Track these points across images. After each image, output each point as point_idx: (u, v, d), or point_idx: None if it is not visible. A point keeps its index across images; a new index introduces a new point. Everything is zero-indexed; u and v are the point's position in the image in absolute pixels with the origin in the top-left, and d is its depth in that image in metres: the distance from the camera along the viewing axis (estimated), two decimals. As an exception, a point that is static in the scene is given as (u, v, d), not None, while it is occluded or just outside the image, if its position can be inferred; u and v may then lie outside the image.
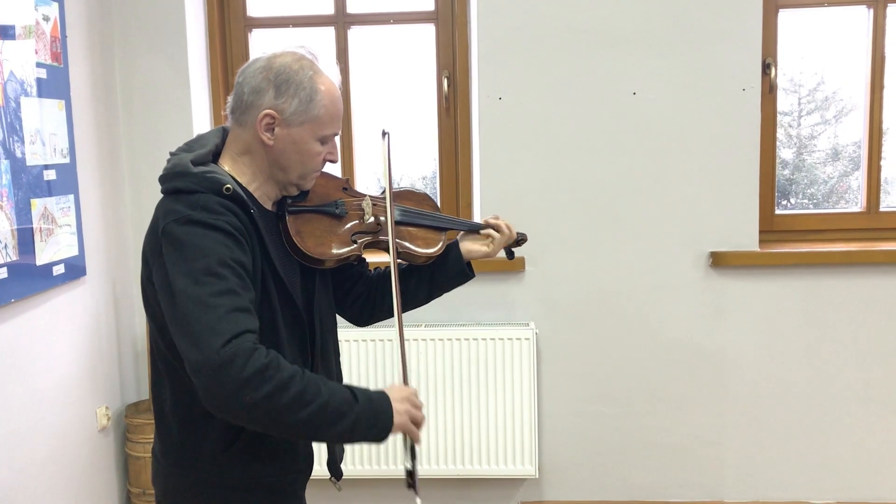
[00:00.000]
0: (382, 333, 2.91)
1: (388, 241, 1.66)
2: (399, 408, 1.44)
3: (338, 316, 1.77)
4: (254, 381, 1.27)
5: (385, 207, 1.67)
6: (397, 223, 1.68)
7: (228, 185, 1.43)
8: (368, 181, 3.34)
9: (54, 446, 2.56)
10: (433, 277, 1.77)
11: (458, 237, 1.82)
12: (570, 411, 3.06)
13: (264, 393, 1.27)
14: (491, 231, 1.81)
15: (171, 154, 1.51)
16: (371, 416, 1.40)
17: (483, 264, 2.95)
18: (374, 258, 1.99)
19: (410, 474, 1.53)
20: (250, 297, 1.37)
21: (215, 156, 1.54)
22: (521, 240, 1.91)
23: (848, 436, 3.02)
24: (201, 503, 1.52)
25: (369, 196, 1.68)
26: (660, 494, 3.08)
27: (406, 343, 2.91)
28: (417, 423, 1.49)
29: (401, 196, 1.76)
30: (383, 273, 1.79)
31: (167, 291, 1.35)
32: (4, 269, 2.26)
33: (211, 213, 1.38)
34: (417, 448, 1.56)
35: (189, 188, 1.42)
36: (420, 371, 2.95)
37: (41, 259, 2.45)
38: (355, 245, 1.60)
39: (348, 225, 1.62)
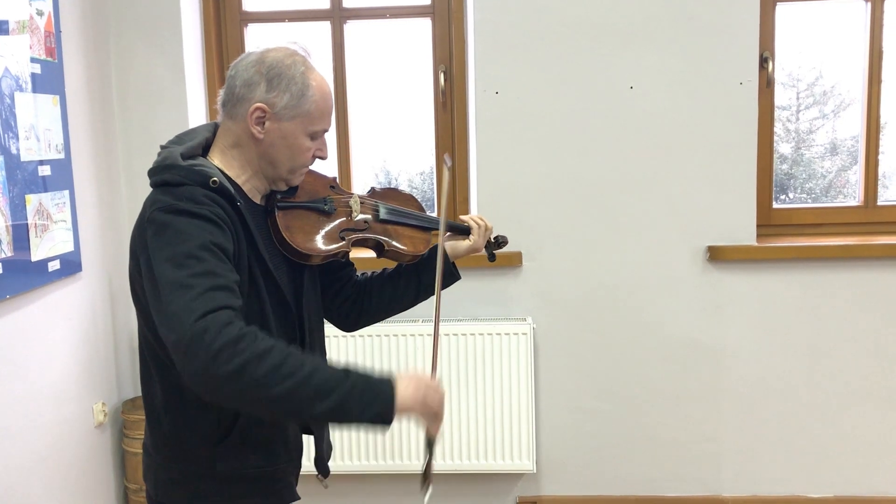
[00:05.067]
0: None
1: (375, 238, 1.68)
2: (405, 390, 1.33)
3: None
4: (224, 353, 1.22)
5: (371, 205, 1.70)
6: (383, 221, 1.71)
7: (215, 179, 1.43)
8: (365, 176, 3.34)
9: (51, 443, 2.56)
10: (420, 279, 1.77)
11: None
12: (568, 406, 3.06)
13: (235, 366, 1.21)
14: (470, 224, 1.82)
15: (162, 147, 1.53)
16: (365, 396, 1.28)
17: (480, 259, 2.95)
18: (360, 255, 2.00)
19: (425, 470, 1.49)
20: (233, 278, 1.35)
21: (206, 149, 1.55)
22: (501, 241, 1.94)
23: (845, 430, 3.01)
24: (193, 495, 1.52)
25: (357, 194, 1.70)
26: (657, 489, 3.08)
27: (403, 338, 2.94)
28: (432, 411, 1.39)
29: (386, 195, 1.78)
30: (370, 277, 1.80)
31: (150, 280, 1.35)
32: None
33: (196, 204, 1.39)
34: (436, 441, 1.49)
35: (176, 180, 1.43)
36: (417, 366, 2.94)
37: (36, 255, 2.44)
38: (343, 241, 1.61)
39: (336, 222, 1.63)
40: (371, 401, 1.29)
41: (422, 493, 1.52)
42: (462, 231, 1.84)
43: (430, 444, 1.50)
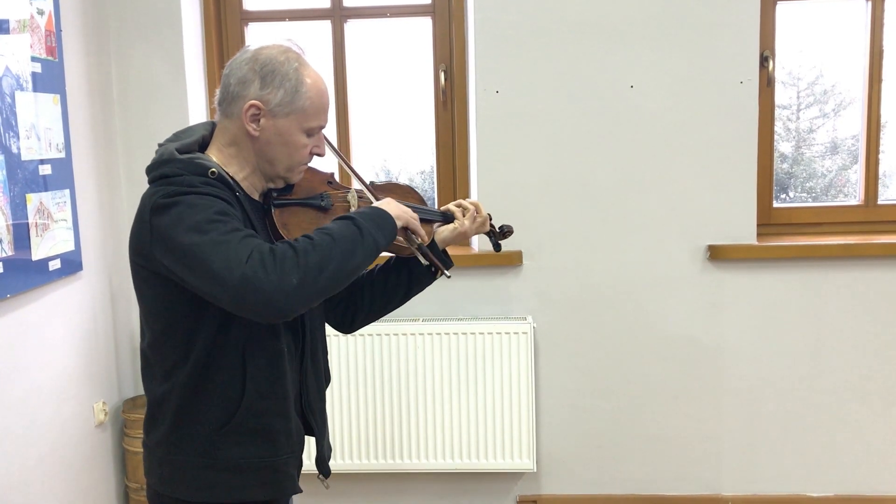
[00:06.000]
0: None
1: None
2: (389, 207, 1.52)
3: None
4: (285, 271, 1.31)
5: (369, 199, 1.67)
6: None
7: (213, 170, 1.45)
8: (365, 175, 3.33)
9: (51, 442, 2.56)
10: (411, 270, 1.76)
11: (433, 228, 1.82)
12: (568, 405, 3.06)
13: (298, 274, 1.32)
14: (452, 210, 1.80)
15: (160, 145, 1.53)
16: (377, 226, 1.46)
17: (480, 259, 2.96)
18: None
19: (429, 260, 1.63)
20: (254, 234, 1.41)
21: (203, 147, 1.56)
22: (506, 231, 1.91)
23: (846, 429, 3.02)
24: (196, 486, 1.52)
25: (354, 189, 1.69)
26: (658, 488, 3.08)
27: (403, 338, 2.93)
28: (408, 213, 1.56)
29: (385, 189, 1.76)
30: (362, 274, 1.79)
31: (179, 254, 1.35)
32: (0, 264, 2.26)
33: (197, 188, 1.41)
34: (423, 239, 1.64)
35: (175, 172, 1.44)
36: (417, 365, 2.94)
37: (37, 254, 2.44)
38: None
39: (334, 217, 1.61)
40: (383, 225, 1.48)
41: (443, 276, 1.69)
42: (446, 219, 1.80)
43: (421, 248, 1.62)
